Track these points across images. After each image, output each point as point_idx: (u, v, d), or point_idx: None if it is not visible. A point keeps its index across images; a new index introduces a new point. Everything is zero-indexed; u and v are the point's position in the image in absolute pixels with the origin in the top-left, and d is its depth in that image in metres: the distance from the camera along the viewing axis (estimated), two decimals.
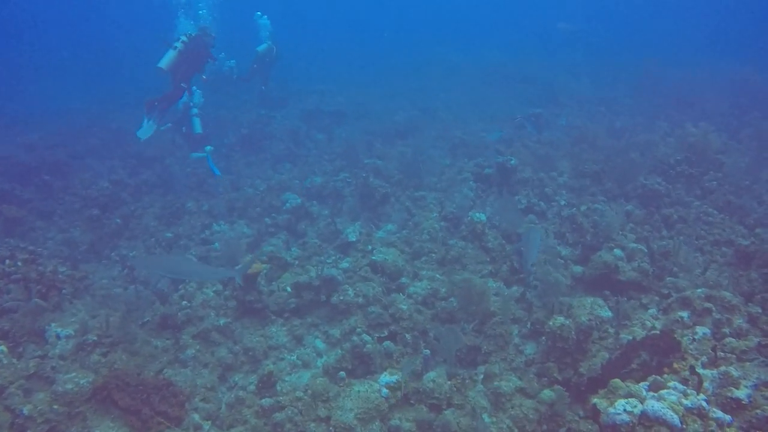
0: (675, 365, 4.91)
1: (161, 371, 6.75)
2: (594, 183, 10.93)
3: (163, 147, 14.84)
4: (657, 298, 7.24)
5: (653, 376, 4.82)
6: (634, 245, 7.90)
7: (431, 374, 6.13)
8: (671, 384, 4.55)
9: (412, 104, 18.74)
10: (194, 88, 12.68)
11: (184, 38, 11.40)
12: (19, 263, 7.59)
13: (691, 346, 5.14)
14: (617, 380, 4.85)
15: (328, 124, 16.77)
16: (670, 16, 37.03)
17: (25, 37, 40.31)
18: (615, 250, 7.74)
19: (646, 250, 7.85)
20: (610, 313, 6.45)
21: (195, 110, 12.67)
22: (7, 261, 7.68)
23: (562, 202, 10.02)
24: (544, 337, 6.54)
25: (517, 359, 6.64)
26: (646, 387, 4.72)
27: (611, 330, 6.27)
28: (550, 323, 6.15)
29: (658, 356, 5.25)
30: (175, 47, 11.22)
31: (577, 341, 6.07)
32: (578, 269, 8.04)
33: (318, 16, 47.59)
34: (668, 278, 7.40)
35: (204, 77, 11.80)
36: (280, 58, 15.08)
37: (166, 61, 11.21)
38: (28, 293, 7.28)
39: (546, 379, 6.05)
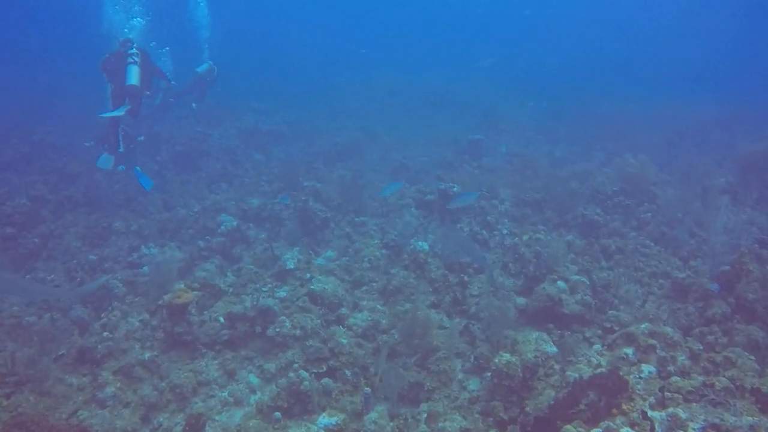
0: (624, 406, 4.83)
1: (75, 413, 6.11)
2: (535, 212, 11.03)
3: (88, 161, 13.96)
4: (600, 331, 7.26)
5: (606, 422, 4.70)
6: (577, 277, 7.92)
7: (372, 415, 5.82)
8: (624, 431, 4.44)
9: (353, 125, 18.55)
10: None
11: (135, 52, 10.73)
12: None
13: (638, 386, 5.08)
14: (569, 427, 4.71)
15: (266, 143, 16.33)
16: (609, 52, 38.84)
17: None
18: (558, 282, 7.73)
19: (588, 282, 7.89)
20: (555, 349, 6.37)
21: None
22: None
23: (505, 231, 10.00)
24: (489, 374, 6.38)
25: (461, 396, 6.44)
26: None
27: (556, 366, 6.17)
28: (496, 360, 5.99)
29: (606, 396, 5.15)
30: (135, 62, 10.52)
31: (523, 378, 5.93)
32: (521, 301, 7.98)
33: (259, 30, 46.94)
34: (610, 312, 7.43)
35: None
36: (220, 78, 14.58)
37: (135, 78, 10.47)
38: None
39: (492, 418, 5.86)
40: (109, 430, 5.96)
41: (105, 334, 7.38)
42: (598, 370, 5.76)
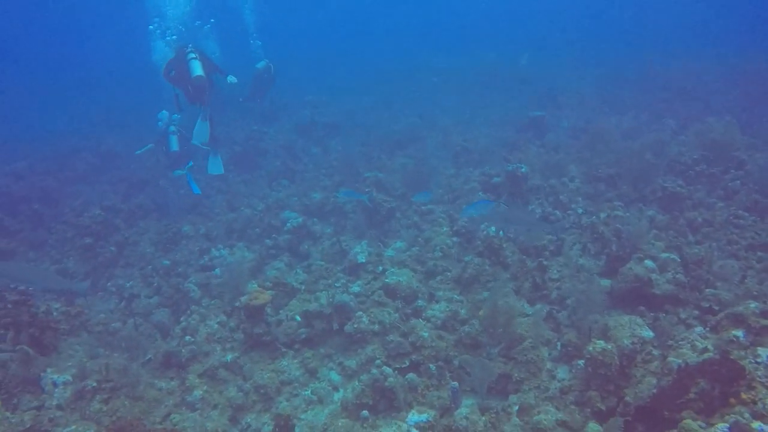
0: (743, 395, 4.41)
1: (168, 417, 6.21)
2: (609, 187, 10.48)
3: (154, 169, 14.33)
4: (697, 312, 6.75)
5: (732, 416, 4.31)
6: (666, 254, 7.40)
7: (462, 410, 5.61)
8: (756, 426, 4.04)
9: (408, 112, 18.23)
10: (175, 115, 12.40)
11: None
12: (9, 305, 7.03)
13: (757, 373, 4.64)
14: (689, 421, 4.34)
15: (322, 137, 16.28)
16: (669, 10, 36.53)
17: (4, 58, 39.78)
18: (646, 261, 7.25)
19: (678, 259, 7.37)
20: (651, 333, 5.95)
21: (172, 128, 12.21)
22: None
23: (580, 210, 9.53)
24: (581, 362, 6.04)
25: (551, 386, 6.12)
26: (727, 429, 4.21)
27: (655, 352, 5.76)
28: (590, 348, 5.64)
29: (719, 384, 4.74)
30: (195, 57, 10.65)
31: (620, 366, 5.56)
32: (605, 283, 7.54)
33: (304, 27, 47.09)
34: (707, 290, 6.90)
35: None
36: (278, 75, 14.56)
37: (199, 69, 10.53)
38: (19, 338, 6.71)
39: (589, 409, 5.53)
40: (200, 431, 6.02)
41: (187, 338, 7.47)
42: (706, 355, 5.32)
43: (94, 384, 6.28)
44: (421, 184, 11.32)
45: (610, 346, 5.59)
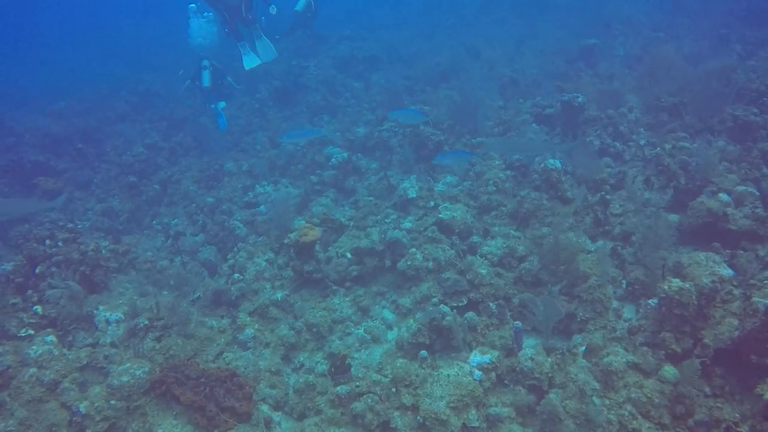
0: None
1: (220, 355, 6.15)
2: (672, 117, 9.75)
3: (193, 106, 14.10)
4: None
5: None
6: (743, 188, 6.84)
7: (527, 350, 5.35)
8: None
9: (449, 44, 17.36)
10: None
11: None
12: (60, 243, 7.01)
13: None
14: None
15: (362, 71, 15.66)
16: None
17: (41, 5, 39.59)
18: (720, 194, 6.71)
19: (757, 193, 6.80)
20: (731, 271, 5.51)
21: (205, 62, 11.95)
22: (47, 241, 7.14)
23: (642, 142, 8.91)
24: (651, 301, 5.68)
25: (618, 327, 5.80)
26: None
27: (736, 292, 5.34)
28: (665, 287, 5.25)
29: None
30: None
31: (698, 306, 5.18)
32: (673, 218, 7.05)
33: None
34: None
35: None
36: (320, 10, 13.92)
37: None
38: (72, 275, 6.69)
39: (663, 351, 5.20)
40: (254, 371, 5.94)
41: (236, 275, 7.36)
42: None
43: (146, 322, 6.24)
44: (468, 117, 10.77)
45: (688, 285, 5.18)
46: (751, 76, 10.60)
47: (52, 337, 5.93)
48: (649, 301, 5.75)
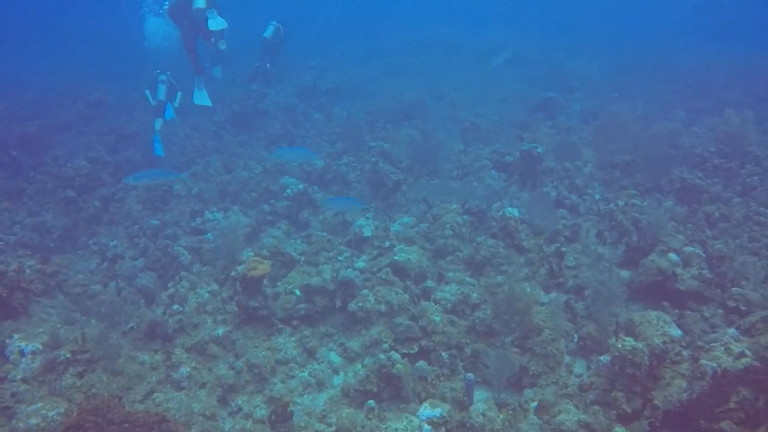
0: None
1: (150, 395, 5.66)
2: (624, 174, 10.00)
3: (146, 122, 13.56)
4: (721, 311, 6.36)
5: None
6: (690, 248, 6.97)
7: (479, 405, 5.14)
8: None
9: (416, 83, 17.49)
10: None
11: None
12: None
13: None
14: None
15: (325, 102, 15.57)
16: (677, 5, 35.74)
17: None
18: (670, 254, 6.81)
19: (703, 254, 6.94)
20: (679, 332, 5.52)
21: (162, 76, 11.63)
22: None
23: (597, 196, 9.05)
24: (602, 358, 5.62)
25: (570, 383, 5.69)
26: None
27: (685, 353, 5.33)
28: (619, 345, 5.18)
29: (765, 395, 4.33)
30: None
31: (649, 366, 5.12)
32: (625, 274, 7.10)
33: None
34: (733, 289, 6.48)
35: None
36: (288, 37, 13.78)
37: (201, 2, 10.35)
38: None
39: (614, 411, 5.10)
40: (187, 415, 5.48)
41: (175, 306, 6.90)
42: (744, 361, 4.92)
43: (68, 355, 5.62)
44: (428, 157, 10.74)
45: (641, 345, 5.13)
46: (694, 141, 11.09)
47: None
48: (601, 358, 5.69)
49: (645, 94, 16.65)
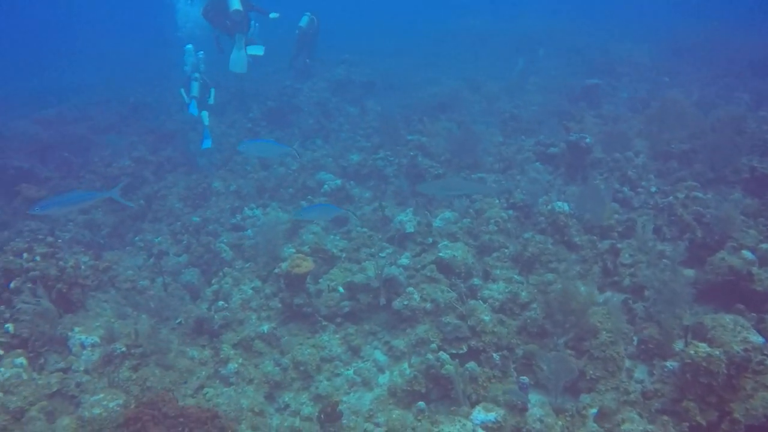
0: None
1: (201, 389, 5.69)
2: (682, 165, 9.50)
3: (183, 121, 13.66)
4: None
5: None
6: (766, 245, 6.50)
7: (536, 410, 4.88)
8: None
9: (450, 75, 17.15)
10: (200, 53, 12.06)
11: None
12: (38, 258, 6.52)
13: None
14: None
15: (359, 96, 15.35)
16: None
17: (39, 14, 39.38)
18: (743, 251, 6.35)
19: None
20: (761, 338, 5.10)
21: (196, 74, 11.75)
22: (25, 255, 6.68)
23: (653, 189, 8.60)
24: (668, 364, 5.28)
25: (632, 389, 5.35)
26: None
27: None
28: (691, 351, 4.82)
29: None
30: None
31: (727, 376, 4.74)
32: (689, 273, 6.67)
33: None
34: None
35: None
36: (323, 28, 13.68)
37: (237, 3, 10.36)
38: (48, 293, 6.20)
39: (686, 423, 4.74)
40: (236, 410, 5.44)
41: (220, 303, 6.86)
42: None
43: (123, 348, 5.78)
44: (467, 151, 10.43)
45: (717, 352, 4.75)
46: (763, 127, 10.40)
47: (22, 359, 5.53)
48: (666, 364, 5.35)
49: (700, 77, 15.90)
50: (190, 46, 11.78)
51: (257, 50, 11.07)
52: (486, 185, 8.99)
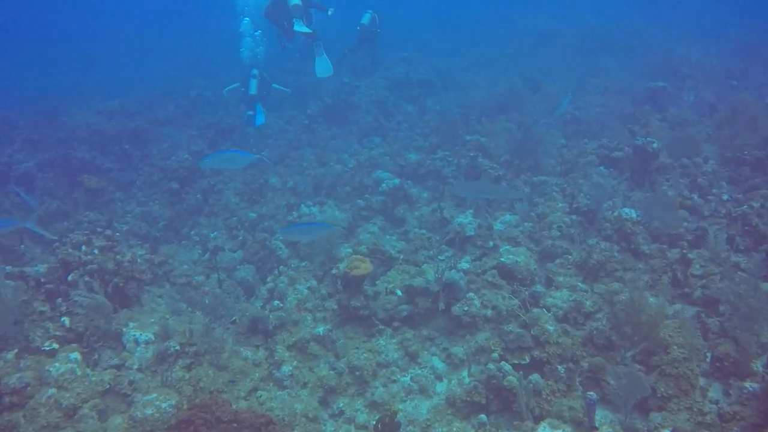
0: None
1: (254, 392, 5.62)
2: (755, 173, 9.00)
3: (242, 115, 13.80)
4: None
5: None
6: None
7: (605, 429, 4.66)
8: None
9: (506, 75, 16.76)
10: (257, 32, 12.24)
11: None
12: (96, 251, 6.59)
13: None
14: None
15: (417, 95, 15.21)
16: None
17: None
18: None
19: None
20: None
21: (255, 71, 11.76)
22: (84, 248, 6.70)
23: (725, 197, 8.16)
24: (749, 385, 4.96)
25: (707, 410, 5.06)
26: None
27: None
28: None
29: None
30: None
31: None
32: (766, 287, 6.28)
33: None
34: None
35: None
36: (383, 26, 13.61)
37: None
38: (104, 287, 6.25)
39: None
40: (290, 415, 5.36)
41: (275, 302, 6.85)
42: None
43: (178, 347, 5.70)
44: (528, 152, 10.16)
45: None
46: None
47: (76, 354, 5.44)
48: (746, 384, 5.03)
49: None
50: (255, 71, 11.89)
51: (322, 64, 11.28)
52: (520, 192, 8.79)
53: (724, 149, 9.88)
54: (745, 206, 7.66)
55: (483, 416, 5.02)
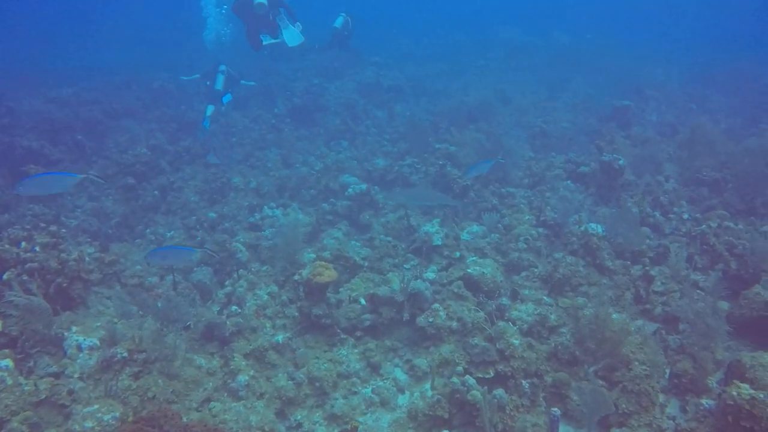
0: None
1: (207, 403, 5.33)
2: (713, 193, 9.21)
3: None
4: None
5: None
6: None
7: None
8: None
9: (477, 85, 16.85)
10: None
11: None
12: (37, 248, 6.12)
13: None
14: None
15: (387, 100, 15.12)
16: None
17: None
18: None
19: None
20: None
21: (222, 66, 11.71)
22: (23, 244, 6.19)
23: (686, 216, 8.30)
24: (705, 402, 4.99)
25: (665, 426, 5.06)
26: None
27: None
28: (733, 392, 4.54)
29: None
30: None
31: None
32: (723, 305, 6.38)
33: None
34: None
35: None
36: (356, 30, 13.49)
37: None
38: (45, 287, 5.82)
39: None
40: (244, 428, 5.11)
41: (233, 308, 6.56)
42: None
43: (125, 354, 5.31)
44: (497, 164, 10.14)
45: (762, 395, 4.47)
46: None
47: (8, 362, 4.96)
48: (702, 401, 5.06)
49: (727, 106, 15.62)
50: (223, 66, 11.71)
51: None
52: (455, 200, 8.75)
53: (684, 169, 10.10)
54: (704, 225, 7.81)
55: (445, 431, 4.88)
